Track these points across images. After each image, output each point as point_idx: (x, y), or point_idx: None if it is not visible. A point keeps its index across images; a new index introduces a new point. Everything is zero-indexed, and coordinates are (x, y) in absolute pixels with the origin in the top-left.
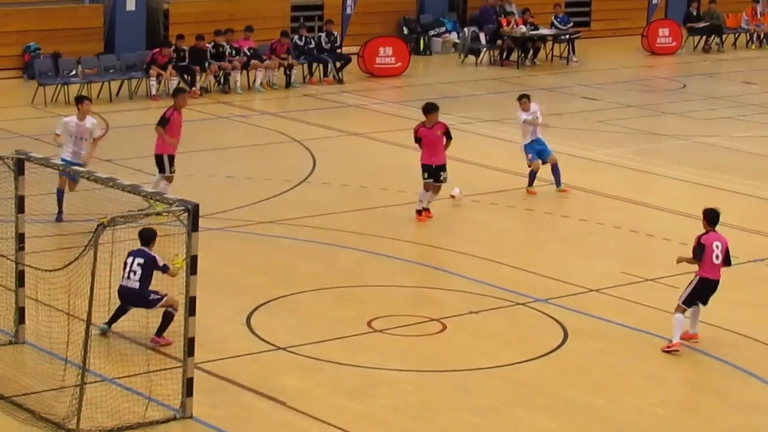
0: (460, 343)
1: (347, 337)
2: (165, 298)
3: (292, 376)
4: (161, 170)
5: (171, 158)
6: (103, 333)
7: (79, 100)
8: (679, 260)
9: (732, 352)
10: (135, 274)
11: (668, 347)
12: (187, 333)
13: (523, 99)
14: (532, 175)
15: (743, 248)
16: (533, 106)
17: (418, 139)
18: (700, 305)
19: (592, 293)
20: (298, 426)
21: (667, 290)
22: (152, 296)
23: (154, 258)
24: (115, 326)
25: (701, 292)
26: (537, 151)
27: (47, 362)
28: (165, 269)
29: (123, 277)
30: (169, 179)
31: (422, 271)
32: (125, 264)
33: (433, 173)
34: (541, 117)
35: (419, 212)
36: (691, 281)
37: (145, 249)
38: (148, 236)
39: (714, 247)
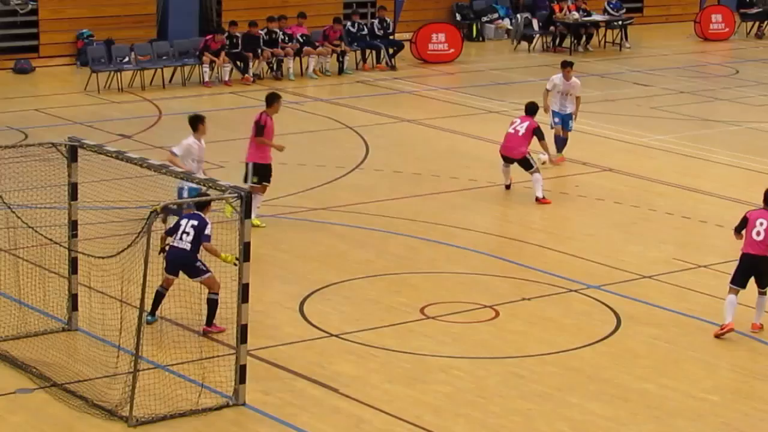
0: (513, 330)
1: (400, 323)
2: (208, 275)
3: (345, 363)
4: (244, 179)
5: (257, 167)
6: (150, 323)
7: (198, 120)
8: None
9: None
10: (188, 235)
11: (721, 330)
12: (240, 320)
13: (568, 67)
14: (559, 142)
15: None
16: (575, 80)
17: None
18: (766, 296)
19: (645, 279)
20: (351, 412)
21: (720, 277)
22: (199, 264)
23: (207, 224)
24: (167, 313)
25: (744, 268)
26: (561, 119)
27: (100, 349)
28: (207, 239)
29: (175, 237)
30: (255, 190)
31: (475, 258)
32: (178, 225)
33: None
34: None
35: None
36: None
37: (200, 213)
38: (202, 202)
39: (757, 224)
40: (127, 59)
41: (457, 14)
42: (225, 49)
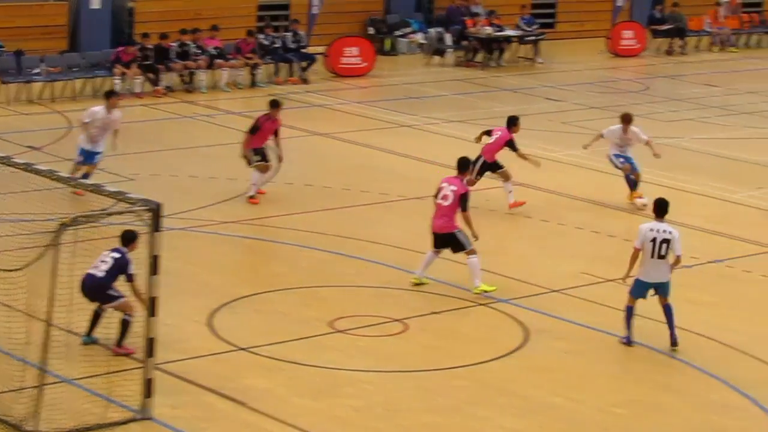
0: (422, 343)
1: (310, 337)
2: (122, 300)
3: (255, 377)
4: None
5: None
6: (88, 343)
7: (110, 94)
8: None
9: (692, 351)
10: (105, 263)
11: None
12: (148, 333)
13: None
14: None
15: (704, 249)
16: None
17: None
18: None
19: (554, 293)
20: (261, 427)
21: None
22: (111, 291)
23: (128, 261)
24: (76, 327)
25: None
26: None
27: (6, 363)
28: (131, 278)
29: (93, 265)
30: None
31: (386, 271)
32: (102, 255)
33: None
34: None
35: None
36: None
37: (125, 249)
38: (128, 237)
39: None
40: (37, 70)
41: (370, 28)
42: (137, 61)
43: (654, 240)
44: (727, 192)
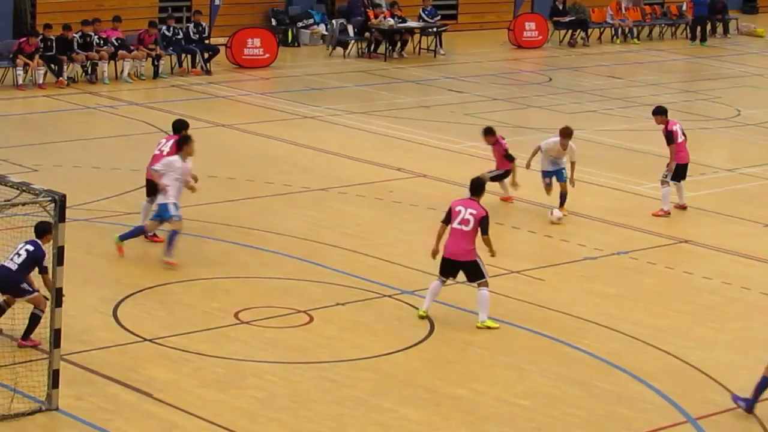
0: (326, 335)
1: (214, 328)
2: (34, 294)
3: (159, 368)
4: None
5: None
6: None
7: (186, 140)
8: None
9: (595, 343)
10: (19, 257)
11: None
12: (54, 324)
13: None
14: None
15: (607, 240)
16: None
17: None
18: None
19: (458, 285)
20: (165, 418)
21: (532, 282)
22: (24, 285)
23: (43, 254)
24: None
25: None
26: None
27: None
28: (44, 270)
29: (7, 258)
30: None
31: (290, 263)
32: (18, 247)
33: None
34: None
35: None
36: None
37: (38, 241)
38: (42, 229)
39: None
40: None
41: (272, 19)
42: (39, 52)
43: None
44: (630, 184)
